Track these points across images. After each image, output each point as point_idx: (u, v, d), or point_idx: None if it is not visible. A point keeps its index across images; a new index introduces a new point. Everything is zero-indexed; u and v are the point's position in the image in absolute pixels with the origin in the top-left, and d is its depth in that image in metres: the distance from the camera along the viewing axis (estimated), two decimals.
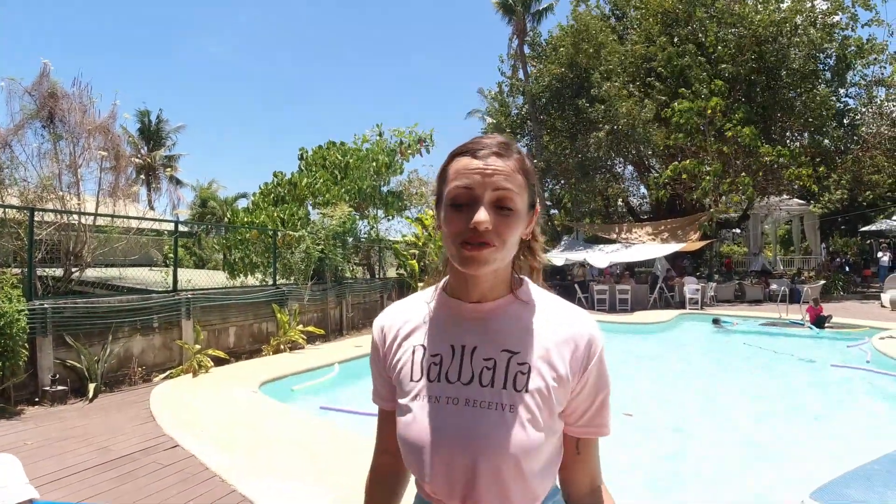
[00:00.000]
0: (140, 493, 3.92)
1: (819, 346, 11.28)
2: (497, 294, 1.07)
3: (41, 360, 6.75)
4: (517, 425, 0.98)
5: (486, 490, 0.99)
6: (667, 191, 20.31)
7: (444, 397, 1.03)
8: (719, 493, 4.65)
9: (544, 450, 1.01)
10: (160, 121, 39.32)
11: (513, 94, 27.12)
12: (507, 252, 1.00)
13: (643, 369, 10.01)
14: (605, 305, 17.60)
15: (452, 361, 1.05)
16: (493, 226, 0.96)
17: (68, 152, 8.87)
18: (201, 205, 36.92)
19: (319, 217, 13.38)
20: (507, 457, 0.97)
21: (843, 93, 21.84)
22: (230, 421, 5.70)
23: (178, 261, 9.58)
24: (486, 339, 1.05)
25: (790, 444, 5.76)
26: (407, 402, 1.07)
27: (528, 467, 0.99)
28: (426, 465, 1.03)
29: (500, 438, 0.98)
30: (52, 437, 5.30)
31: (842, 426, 6.42)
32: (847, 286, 21.14)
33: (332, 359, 9.08)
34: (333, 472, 4.30)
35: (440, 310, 1.11)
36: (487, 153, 0.99)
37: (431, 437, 1.02)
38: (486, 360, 1.04)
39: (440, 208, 1.03)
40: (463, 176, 0.99)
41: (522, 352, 1.03)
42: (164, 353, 8.41)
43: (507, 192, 0.98)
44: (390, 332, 1.15)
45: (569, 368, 1.02)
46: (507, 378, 1.02)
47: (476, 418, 1.00)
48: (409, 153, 16.41)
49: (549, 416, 1.02)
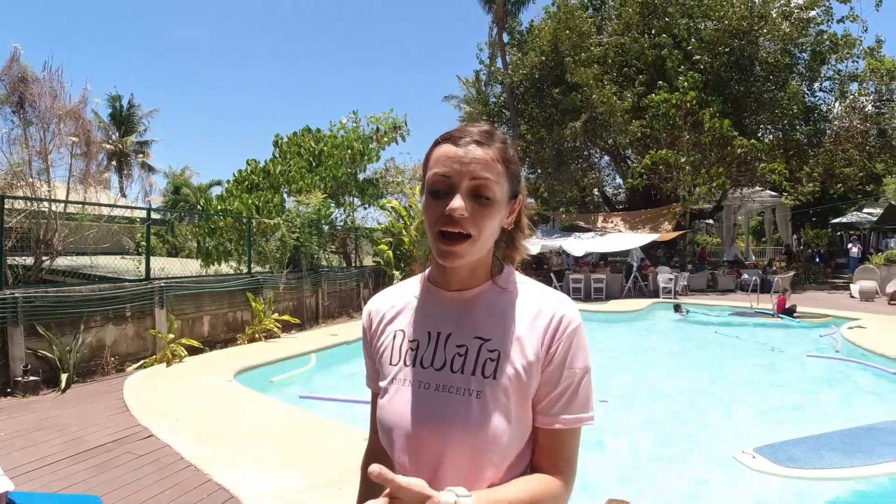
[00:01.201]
0: (115, 484, 3.91)
1: (788, 335, 11.58)
2: (477, 281, 1.09)
3: (12, 350, 6.65)
4: (483, 412, 1.00)
5: (452, 473, 1.01)
6: (643, 180, 20.52)
7: (418, 382, 1.06)
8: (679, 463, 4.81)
9: (511, 438, 1.02)
10: (132, 106, 38.55)
11: (491, 83, 27.09)
12: (484, 243, 1.02)
13: (616, 357, 10.18)
14: (580, 294, 17.78)
15: (428, 347, 1.08)
16: (470, 214, 0.97)
17: (38, 138, 8.70)
18: (174, 192, 36.33)
19: (294, 204, 13.30)
20: (472, 441, 0.99)
21: (816, 87, 22.22)
22: (205, 410, 5.69)
23: (151, 249, 9.47)
24: (460, 326, 1.08)
25: (758, 427, 5.94)
26: (385, 384, 1.11)
27: (492, 453, 1.00)
28: (397, 446, 1.06)
29: (465, 423, 1.00)
30: (25, 428, 5.24)
31: (808, 411, 6.63)
32: (817, 277, 21.61)
33: (309, 347, 9.10)
34: (308, 457, 4.35)
35: (422, 297, 1.15)
36: (468, 141, 1.01)
37: (403, 419, 1.05)
38: (459, 346, 1.06)
39: (423, 195, 1.05)
40: (441, 164, 1.00)
41: (494, 339, 1.05)
42: (137, 342, 8.33)
43: (485, 182, 0.99)
44: (377, 316, 1.19)
45: (539, 349, 1.03)
46: (476, 365, 1.04)
47: (445, 403, 1.03)
48: (385, 141, 16.33)
49: (518, 403, 1.03)
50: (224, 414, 5.57)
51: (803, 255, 23.90)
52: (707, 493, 4.50)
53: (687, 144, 19.29)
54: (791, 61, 20.67)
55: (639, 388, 7.97)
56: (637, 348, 11.14)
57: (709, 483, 4.66)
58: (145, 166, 39.02)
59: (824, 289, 19.50)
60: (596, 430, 5.87)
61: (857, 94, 21.49)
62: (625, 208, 26.05)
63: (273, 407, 5.92)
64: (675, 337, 12.22)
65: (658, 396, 7.46)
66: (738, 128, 20.04)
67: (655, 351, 10.84)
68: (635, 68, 21.79)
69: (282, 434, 4.95)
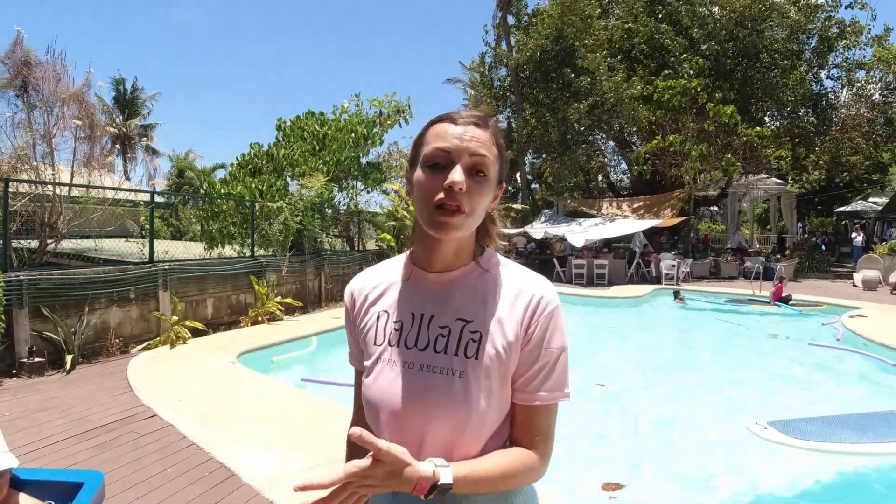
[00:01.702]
0: (118, 462, 3.98)
1: (787, 322, 11.59)
2: (459, 263, 1.13)
3: (17, 332, 6.71)
4: (465, 391, 1.05)
5: (434, 450, 1.06)
6: (648, 166, 20.41)
7: (402, 361, 1.10)
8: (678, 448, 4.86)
9: (491, 415, 1.07)
10: (135, 89, 38.41)
11: (496, 65, 26.90)
12: (475, 220, 1.06)
13: (615, 342, 10.24)
14: (582, 280, 17.81)
15: (412, 328, 1.12)
16: (467, 189, 1.01)
17: (42, 122, 8.71)
18: (178, 175, 36.32)
19: (297, 188, 13.32)
20: (455, 419, 1.04)
21: (823, 75, 22.01)
22: (208, 391, 5.76)
23: (155, 232, 9.51)
24: (443, 307, 1.12)
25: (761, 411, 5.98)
26: (370, 364, 1.15)
27: (473, 434, 1.05)
28: (382, 424, 1.11)
29: (448, 402, 1.05)
30: (30, 408, 5.30)
31: (811, 398, 6.65)
32: (820, 265, 21.54)
33: (311, 330, 9.15)
34: (310, 439, 4.40)
35: (406, 278, 1.18)
36: (467, 121, 1.06)
37: (388, 397, 1.09)
38: (442, 327, 1.10)
39: (414, 169, 1.08)
40: (441, 139, 1.04)
41: (476, 320, 1.09)
42: (141, 324, 8.41)
43: (483, 159, 1.04)
44: (360, 296, 1.22)
45: (518, 329, 1.07)
46: (459, 345, 1.08)
47: (428, 382, 1.07)
48: (389, 124, 16.28)
49: (499, 382, 1.07)
50: (227, 395, 5.63)
51: (807, 244, 23.76)
52: (715, 465, 4.64)
53: (692, 131, 19.15)
54: (798, 48, 20.44)
55: (633, 372, 8.03)
56: (635, 333, 11.18)
57: (717, 455, 4.82)
58: (149, 150, 39.02)
59: (827, 277, 19.41)
60: (594, 413, 5.95)
61: (864, 83, 21.27)
62: (629, 194, 25.98)
63: (275, 388, 5.98)
64: (674, 323, 12.24)
65: (653, 380, 7.52)
66: (744, 114, 19.89)
67: (654, 336, 10.88)
68: (642, 53, 21.58)
69: (283, 415, 5.01)
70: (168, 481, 3.70)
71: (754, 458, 4.68)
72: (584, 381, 7.08)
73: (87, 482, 2.19)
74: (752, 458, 4.70)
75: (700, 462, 4.76)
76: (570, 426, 5.45)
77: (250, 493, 3.55)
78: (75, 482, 2.21)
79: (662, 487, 4.33)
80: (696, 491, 4.26)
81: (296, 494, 3.43)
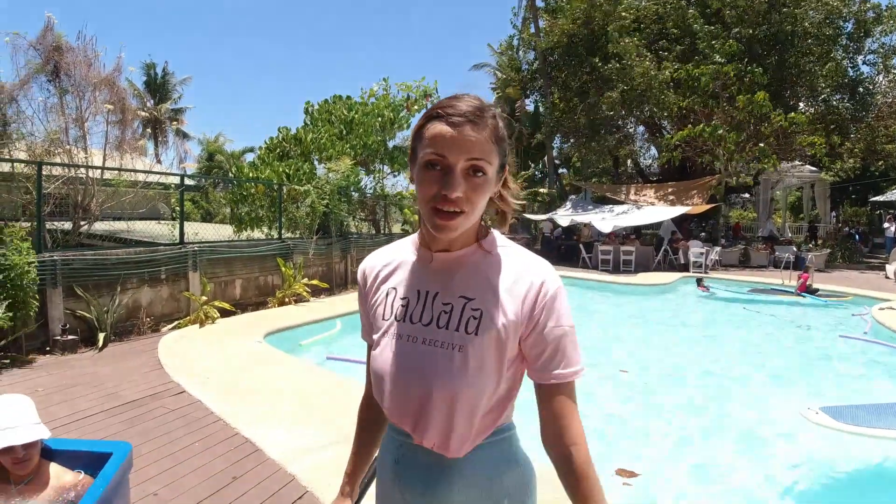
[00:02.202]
0: (148, 436, 4.10)
1: (815, 313, 11.36)
2: (463, 244, 1.16)
3: (51, 310, 6.91)
4: (464, 364, 1.09)
5: (433, 419, 1.11)
6: (679, 153, 20.05)
7: (407, 335, 1.16)
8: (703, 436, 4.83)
9: (489, 389, 1.11)
10: (166, 73, 38.99)
11: (524, 48, 26.62)
12: (475, 215, 1.09)
13: (640, 329, 10.15)
14: (608, 266, 17.68)
15: (417, 304, 1.18)
16: (465, 193, 1.04)
17: (74, 106, 8.88)
18: (208, 158, 36.89)
19: (325, 172, 13.42)
20: (453, 391, 1.09)
21: (860, 60, 21.32)
22: (235, 369, 5.88)
23: (185, 214, 9.68)
24: (447, 286, 1.16)
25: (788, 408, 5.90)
26: (378, 337, 1.21)
27: (472, 403, 1.10)
28: (386, 393, 1.17)
29: (448, 375, 1.10)
30: (64, 383, 5.47)
31: (846, 389, 6.54)
32: (853, 256, 20.99)
33: (337, 311, 9.28)
34: (331, 416, 4.48)
35: (413, 258, 1.23)
36: (463, 121, 1.04)
37: (392, 368, 1.16)
38: (445, 304, 1.15)
39: (414, 165, 1.10)
40: (437, 144, 1.04)
41: (477, 298, 1.13)
42: (171, 303, 8.59)
43: (479, 162, 1.05)
44: (371, 274, 1.28)
45: (520, 312, 1.11)
46: (460, 321, 1.12)
47: (430, 356, 1.12)
48: (416, 108, 16.27)
49: (497, 359, 1.11)
50: (253, 373, 5.74)
51: (840, 233, 23.16)
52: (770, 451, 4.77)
53: (725, 116, 18.73)
54: (834, 32, 19.83)
55: (656, 359, 7.96)
56: (660, 321, 11.07)
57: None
58: (180, 133, 39.59)
59: (859, 268, 18.91)
60: (617, 400, 5.93)
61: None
62: (658, 180, 25.57)
63: (300, 367, 6.08)
64: (699, 312, 12.08)
65: (676, 369, 7.43)
66: (778, 100, 19.40)
67: (678, 324, 10.77)
68: (669, 38, 21.11)
69: (307, 394, 5.10)
70: (195, 454, 3.81)
71: (802, 444, 4.78)
72: (608, 368, 7.06)
73: (115, 452, 2.27)
74: (799, 443, 4.79)
75: (724, 451, 4.75)
76: (591, 412, 5.46)
77: (274, 468, 3.63)
78: (104, 452, 2.28)
79: (680, 475, 4.33)
80: (727, 476, 4.26)
81: (317, 469, 3.53)
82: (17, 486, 2.08)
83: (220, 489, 3.36)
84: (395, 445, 1.24)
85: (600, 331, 9.61)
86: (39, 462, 2.13)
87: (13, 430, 2.03)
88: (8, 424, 2.04)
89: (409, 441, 1.19)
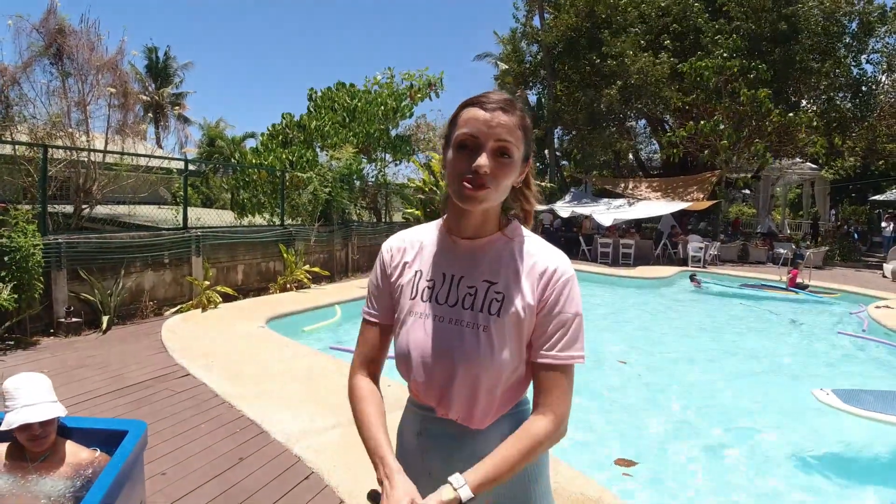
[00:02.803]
0: (156, 416, 4.16)
1: (810, 309, 11.46)
2: (487, 232, 1.25)
3: (56, 293, 6.95)
4: (487, 343, 1.18)
5: (458, 394, 1.20)
6: (679, 149, 20.05)
7: (433, 315, 1.24)
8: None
9: (510, 367, 1.19)
10: (168, 58, 38.72)
11: (527, 40, 26.49)
12: (500, 194, 1.18)
13: (637, 321, 10.24)
14: (608, 259, 17.74)
15: (443, 287, 1.25)
16: (491, 170, 1.12)
17: (77, 90, 8.87)
18: (209, 144, 36.70)
19: (327, 159, 13.43)
20: (477, 368, 1.17)
21: (863, 59, 21.27)
22: (238, 353, 5.94)
23: (187, 199, 9.71)
24: (471, 270, 1.24)
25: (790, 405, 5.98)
26: (403, 316, 1.28)
27: (494, 380, 1.18)
28: (413, 369, 1.25)
29: (472, 353, 1.18)
30: (69, 365, 5.52)
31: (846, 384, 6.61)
32: (851, 254, 21.04)
33: (338, 298, 9.34)
34: (333, 399, 4.55)
35: (439, 243, 1.31)
36: (495, 107, 1.15)
37: (420, 346, 1.23)
38: (470, 287, 1.23)
39: (447, 150, 1.19)
40: (471, 125, 1.15)
41: (500, 282, 1.21)
42: (174, 288, 8.64)
43: (507, 144, 1.14)
44: (398, 254, 1.34)
45: (535, 294, 1.19)
46: (484, 303, 1.21)
47: (456, 334, 1.20)
48: (419, 97, 16.24)
49: (517, 338, 1.19)
50: (256, 357, 5.80)
51: (839, 232, 23.20)
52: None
53: (726, 112, 18.71)
54: (838, 30, 19.78)
55: (649, 351, 8.06)
56: (657, 314, 11.17)
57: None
58: (181, 118, 39.44)
59: (857, 267, 18.97)
60: (617, 390, 6.01)
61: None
62: (659, 174, 25.57)
63: (302, 352, 6.14)
64: (695, 306, 12.15)
65: (674, 361, 7.52)
66: (779, 96, 19.37)
67: (675, 317, 10.89)
68: (673, 34, 21.02)
69: (309, 377, 5.17)
70: (202, 435, 3.88)
71: (809, 425, 5.09)
72: (607, 358, 7.13)
73: (130, 430, 2.32)
74: (807, 425, 5.10)
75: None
76: (591, 402, 5.53)
77: (279, 449, 3.70)
78: (120, 430, 2.33)
79: (680, 461, 4.41)
80: (727, 459, 4.34)
81: (322, 451, 3.59)
82: (33, 462, 2.12)
83: (227, 469, 3.43)
84: (417, 419, 1.32)
85: (598, 323, 9.69)
86: (56, 439, 2.17)
87: (31, 407, 2.07)
88: (26, 402, 2.07)
89: (432, 414, 1.26)
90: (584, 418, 5.08)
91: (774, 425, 5.16)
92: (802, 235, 23.40)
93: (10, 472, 2.10)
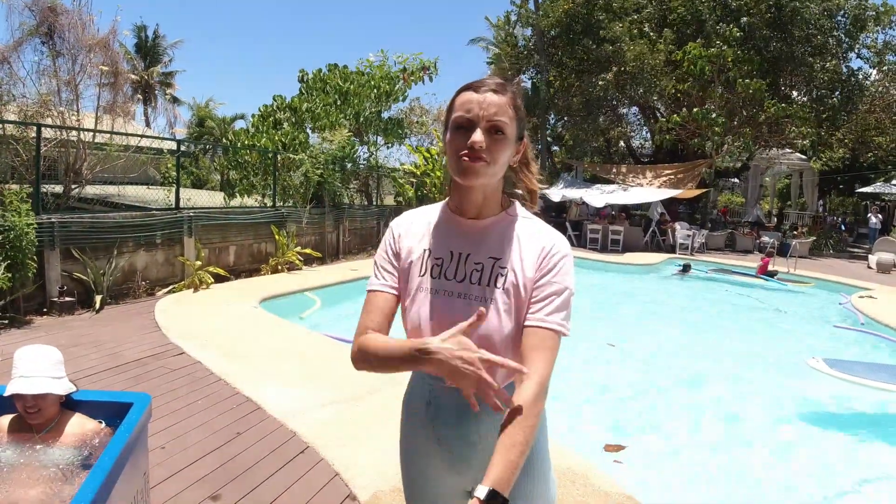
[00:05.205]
0: (153, 392, 4.17)
1: (787, 295, 11.82)
2: (490, 211, 1.35)
3: (49, 272, 6.96)
4: (496, 315, 1.28)
5: None
6: (671, 136, 20.14)
7: (443, 290, 1.33)
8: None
9: (516, 338, 1.28)
10: (157, 36, 38.14)
11: (521, 24, 26.33)
12: (497, 169, 1.27)
13: (626, 306, 10.42)
14: (596, 245, 17.88)
15: (451, 264, 1.34)
16: (487, 146, 1.22)
17: (67, 69, 8.80)
18: (198, 124, 36.36)
19: (319, 141, 13.41)
20: (486, 340, 1.25)
21: (853, 55, 21.39)
22: (232, 332, 6.03)
23: (179, 180, 9.70)
24: (478, 248, 1.34)
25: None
26: (414, 292, 1.36)
27: (501, 348, 1.27)
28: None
29: (481, 325, 1.23)
30: (63, 343, 5.52)
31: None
32: (837, 245, 21.31)
33: (329, 280, 9.52)
34: (327, 377, 4.67)
35: (445, 222, 1.40)
36: (486, 89, 1.25)
37: (430, 320, 1.32)
38: (476, 264, 1.33)
39: (446, 133, 1.29)
40: (465, 107, 1.25)
41: (503, 258, 1.31)
42: (166, 268, 8.67)
43: (499, 121, 1.24)
44: (407, 232, 1.44)
45: (534, 267, 1.29)
46: (490, 278, 1.31)
47: (464, 307, 1.29)
48: (413, 80, 16.18)
49: (518, 310, 1.28)
50: (249, 336, 5.89)
51: (825, 222, 23.48)
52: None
53: (719, 101, 18.81)
54: (831, 24, 19.87)
55: (636, 333, 8.30)
56: (645, 298, 11.42)
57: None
58: (171, 97, 38.98)
59: (843, 257, 19.23)
60: (606, 374, 6.14)
61: (893, 65, 20.69)
62: (650, 162, 25.65)
63: (295, 332, 6.24)
64: (682, 291, 12.41)
65: (661, 344, 7.72)
66: (773, 88, 19.46)
67: (662, 302, 11.11)
68: (671, 24, 20.98)
69: (303, 356, 5.27)
70: (199, 411, 3.97)
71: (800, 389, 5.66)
72: (596, 341, 7.26)
73: (136, 402, 2.38)
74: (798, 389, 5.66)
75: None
76: (580, 384, 5.65)
77: (275, 424, 3.80)
78: (125, 402, 2.40)
79: (665, 442, 4.54)
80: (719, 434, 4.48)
81: (317, 426, 3.69)
82: (38, 433, 2.18)
83: (224, 444, 3.52)
84: (426, 390, 1.41)
85: (587, 307, 9.82)
86: (61, 411, 2.23)
87: (28, 379, 2.09)
88: (23, 373, 2.11)
89: (441, 384, 1.34)
90: (574, 401, 5.18)
91: (755, 403, 5.41)
92: (789, 226, 23.62)
93: (17, 442, 2.16)
